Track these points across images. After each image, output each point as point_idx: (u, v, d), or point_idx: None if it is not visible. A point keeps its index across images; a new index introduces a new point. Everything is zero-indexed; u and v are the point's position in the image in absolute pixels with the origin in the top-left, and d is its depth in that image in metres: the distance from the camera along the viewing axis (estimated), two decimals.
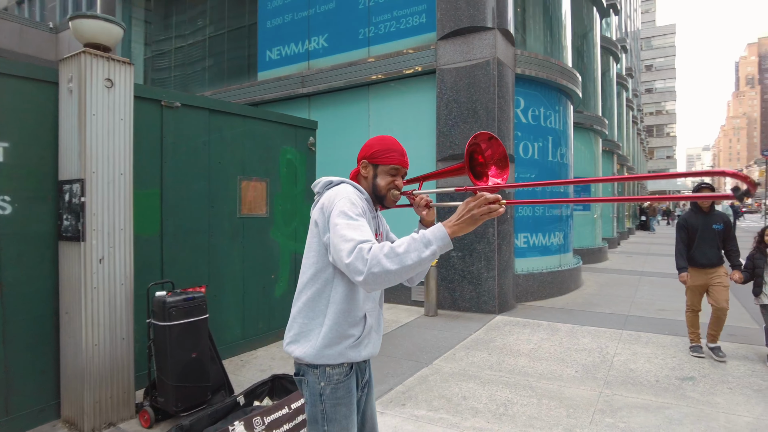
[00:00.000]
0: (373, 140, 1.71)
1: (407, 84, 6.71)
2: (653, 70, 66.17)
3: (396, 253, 1.31)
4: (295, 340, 1.57)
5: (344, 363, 1.56)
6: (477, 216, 1.33)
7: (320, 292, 1.55)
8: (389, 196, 1.69)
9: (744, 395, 3.54)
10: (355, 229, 1.40)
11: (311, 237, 1.59)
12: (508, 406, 3.33)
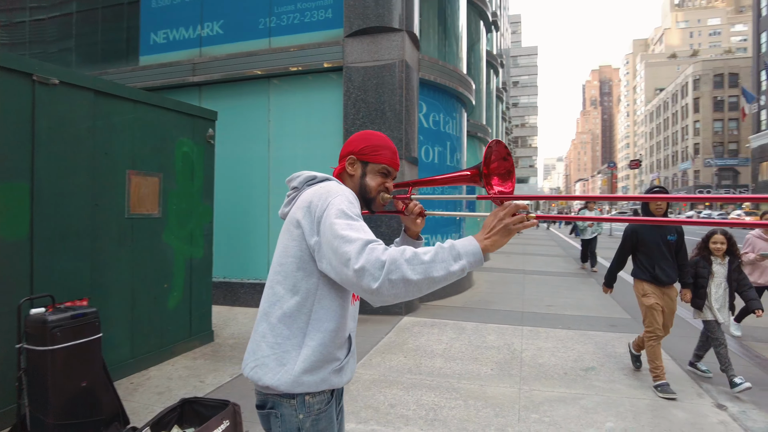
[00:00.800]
0: (361, 135, 1.50)
1: (312, 79, 6.45)
2: (519, 87, 72.78)
3: (421, 260, 1.10)
4: (263, 364, 1.27)
5: (326, 390, 1.32)
6: (511, 226, 1.17)
7: (300, 306, 1.28)
8: (378, 200, 1.48)
9: (638, 380, 3.88)
10: (358, 230, 1.17)
11: (289, 240, 1.31)
12: (437, 410, 3.26)
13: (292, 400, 1.27)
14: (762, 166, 48.27)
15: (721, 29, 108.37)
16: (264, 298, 1.34)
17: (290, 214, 1.36)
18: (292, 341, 1.27)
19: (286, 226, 1.36)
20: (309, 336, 1.27)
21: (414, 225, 1.58)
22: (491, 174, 1.34)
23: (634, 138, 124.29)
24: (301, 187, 1.42)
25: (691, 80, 67.64)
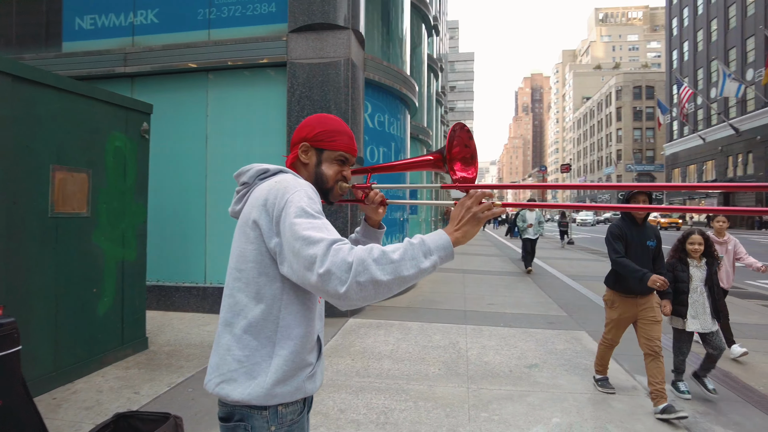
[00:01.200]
0: (314, 119, 1.37)
1: (254, 74, 6.22)
2: (456, 92, 74.55)
3: (390, 259, 1.04)
4: (232, 378, 1.17)
5: (299, 399, 1.24)
6: (479, 215, 1.14)
7: (266, 314, 1.18)
8: (336, 189, 1.38)
9: (578, 375, 4.03)
10: (321, 229, 1.08)
11: (246, 243, 1.20)
12: (387, 413, 3.22)
13: (264, 411, 1.18)
14: (674, 171, 52.40)
15: (638, 45, 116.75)
16: (224, 307, 1.23)
17: (243, 214, 1.25)
18: (261, 352, 1.18)
19: (240, 228, 1.24)
20: (279, 345, 1.18)
21: (375, 214, 1.51)
22: (454, 159, 1.30)
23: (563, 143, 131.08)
24: (252, 182, 1.31)
25: (614, 91, 72.33)
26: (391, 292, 1.06)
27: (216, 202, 6.20)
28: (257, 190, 1.25)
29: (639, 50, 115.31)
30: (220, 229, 6.17)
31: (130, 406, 3.23)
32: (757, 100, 37.40)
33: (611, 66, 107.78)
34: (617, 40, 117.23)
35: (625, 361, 4.40)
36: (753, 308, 7.04)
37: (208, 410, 3.22)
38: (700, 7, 47.19)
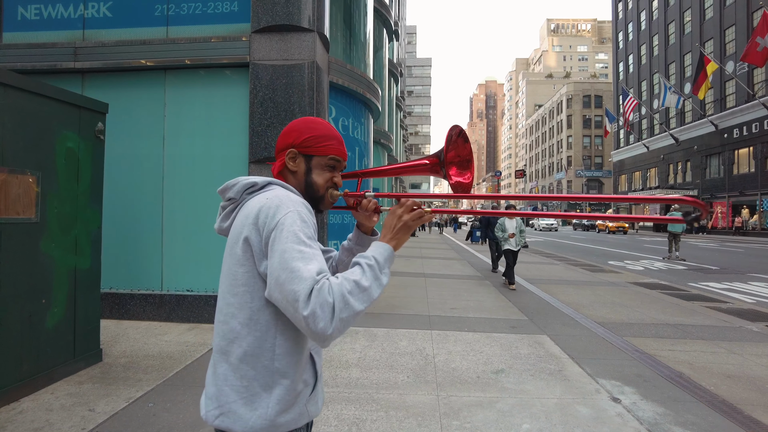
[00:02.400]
0: (301, 124, 1.31)
1: (215, 74, 6.02)
2: (413, 96, 75.34)
3: (363, 288, 1.07)
4: (231, 410, 1.11)
5: (303, 425, 1.18)
6: (410, 222, 1.21)
7: (261, 341, 1.12)
8: (327, 197, 1.33)
9: (543, 380, 4.10)
10: (310, 261, 1.05)
11: (236, 266, 1.14)
12: (359, 424, 3.17)
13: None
14: (621, 178, 54.87)
15: (588, 56, 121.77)
16: (218, 333, 1.16)
17: (233, 232, 1.18)
18: (260, 381, 1.12)
19: (231, 248, 1.18)
20: (278, 373, 1.12)
21: (369, 221, 1.46)
22: (450, 163, 1.30)
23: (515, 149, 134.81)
24: (240, 197, 1.24)
25: (564, 99, 75.06)
26: None
27: (174, 206, 5.95)
28: (247, 207, 1.19)
29: (588, 61, 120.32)
30: (178, 233, 5.94)
31: (85, 425, 3.03)
32: (694, 112, 39.74)
33: (562, 75, 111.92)
34: (568, 51, 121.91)
35: (587, 365, 4.52)
36: (698, 310, 7.42)
37: (171, 426, 3.06)
38: (643, 23, 49.76)
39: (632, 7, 52.18)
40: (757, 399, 3.81)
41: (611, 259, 16.71)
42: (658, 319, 6.70)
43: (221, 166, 5.95)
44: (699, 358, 4.86)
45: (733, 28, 35.88)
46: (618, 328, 6.07)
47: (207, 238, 5.89)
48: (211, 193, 5.92)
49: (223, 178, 5.58)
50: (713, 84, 34.11)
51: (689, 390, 3.92)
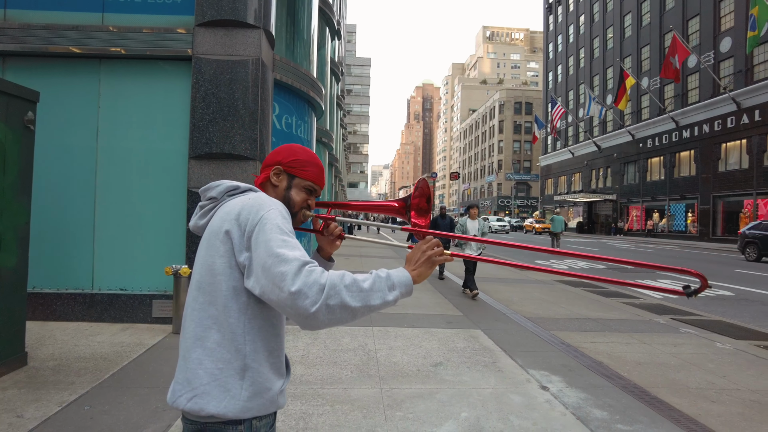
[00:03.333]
0: (291, 148, 1.46)
1: (155, 66, 5.82)
2: (352, 95, 75.39)
3: (360, 288, 1.12)
4: (205, 392, 1.16)
5: (272, 412, 1.26)
6: (433, 259, 1.28)
7: (234, 327, 1.19)
8: (300, 216, 1.44)
9: (479, 371, 4.36)
10: (294, 248, 1.14)
11: (215, 257, 1.21)
12: (306, 419, 3.24)
13: (239, 425, 1.19)
14: (548, 181, 57.85)
15: (520, 64, 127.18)
16: (193, 320, 1.22)
17: (213, 227, 1.26)
18: (234, 365, 1.18)
19: (209, 241, 1.25)
20: (251, 358, 1.20)
21: (330, 246, 1.59)
22: (413, 208, 1.47)
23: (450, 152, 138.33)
24: (221, 198, 1.34)
25: (497, 105, 78.02)
26: (355, 319, 1.14)
27: (107, 200, 5.70)
28: (228, 205, 1.28)
29: (520, 68, 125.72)
30: (111, 230, 5.69)
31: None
32: (614, 122, 42.69)
33: (496, 81, 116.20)
34: (501, 58, 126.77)
35: (518, 357, 4.84)
36: (615, 305, 8.08)
37: (111, 428, 2.99)
38: (571, 36, 52.77)
39: (562, 21, 55.21)
40: (662, 382, 4.27)
41: (538, 259, 17.66)
42: (581, 314, 7.24)
43: (159, 161, 5.77)
44: (616, 349, 5.33)
45: (648, 47, 38.93)
46: (546, 323, 6.51)
47: (143, 235, 5.70)
48: (148, 187, 5.74)
49: (161, 173, 5.47)
50: (631, 97, 36.83)
51: (607, 377, 4.31)
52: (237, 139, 5.68)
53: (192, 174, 5.65)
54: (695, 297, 1.19)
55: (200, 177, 5.65)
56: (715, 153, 31.26)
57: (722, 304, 8.80)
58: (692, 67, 33.01)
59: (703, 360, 5.02)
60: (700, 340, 5.86)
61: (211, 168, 5.69)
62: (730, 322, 7.03)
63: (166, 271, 5.15)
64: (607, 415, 3.45)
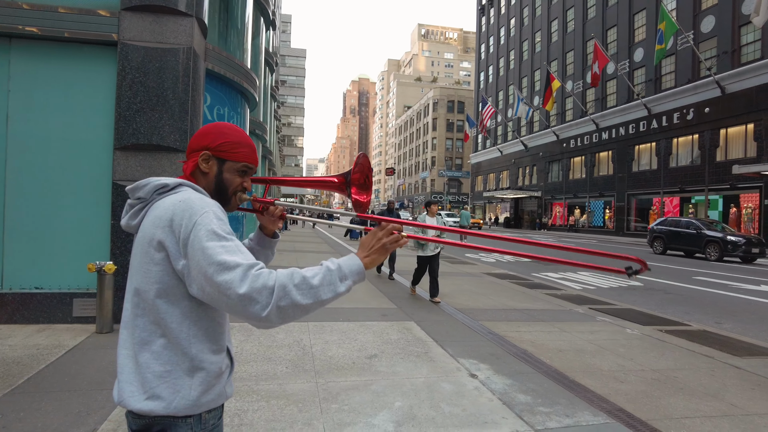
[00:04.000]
0: (215, 128, 1.36)
1: (76, 49, 5.45)
2: (286, 86, 73.91)
3: (310, 285, 1.13)
4: (156, 395, 1.17)
5: (220, 405, 1.28)
6: (387, 245, 1.29)
7: (177, 333, 1.19)
8: (235, 200, 1.40)
9: (412, 362, 4.51)
10: (234, 252, 1.12)
11: (150, 264, 1.19)
12: (241, 415, 3.22)
13: (188, 419, 1.20)
14: (478, 178, 59.89)
15: (453, 63, 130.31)
16: (137, 326, 1.21)
17: (145, 232, 1.22)
18: (182, 366, 1.19)
19: (143, 247, 1.21)
20: (197, 359, 1.21)
21: (273, 225, 1.56)
22: (353, 184, 1.45)
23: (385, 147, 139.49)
24: (150, 197, 1.28)
25: (431, 103, 79.59)
26: (309, 314, 1.16)
27: (20, 191, 5.28)
28: (158, 208, 1.23)
29: (453, 68, 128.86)
30: (25, 224, 5.29)
31: None
32: (540, 122, 44.91)
33: (430, 79, 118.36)
34: (436, 56, 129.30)
35: (449, 347, 5.04)
36: (539, 296, 8.58)
37: None
38: (502, 38, 54.80)
39: (494, 23, 57.17)
40: (579, 366, 4.62)
41: (468, 253, 18.31)
42: (507, 305, 7.63)
43: (81, 151, 5.43)
44: (539, 337, 5.69)
45: (572, 52, 41.26)
46: (475, 314, 6.81)
47: (63, 230, 5.36)
48: (68, 179, 5.40)
49: (83, 164, 5.18)
50: (556, 99, 38.90)
51: (531, 364, 4.61)
52: (166, 130, 5.46)
53: (117, 166, 5.37)
54: (635, 277, 1.32)
55: (126, 169, 5.38)
56: (630, 154, 33.78)
57: (633, 294, 9.59)
58: (611, 73, 35.38)
59: (615, 345, 5.48)
60: (614, 327, 6.37)
61: (138, 160, 5.43)
62: (639, 310, 7.69)
63: (89, 267, 4.88)
64: (530, 399, 3.70)
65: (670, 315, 7.47)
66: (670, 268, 14.61)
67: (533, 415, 3.40)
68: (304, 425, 3.10)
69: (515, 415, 3.39)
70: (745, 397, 4.00)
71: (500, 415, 3.38)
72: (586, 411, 3.52)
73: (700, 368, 4.73)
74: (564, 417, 3.40)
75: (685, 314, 7.67)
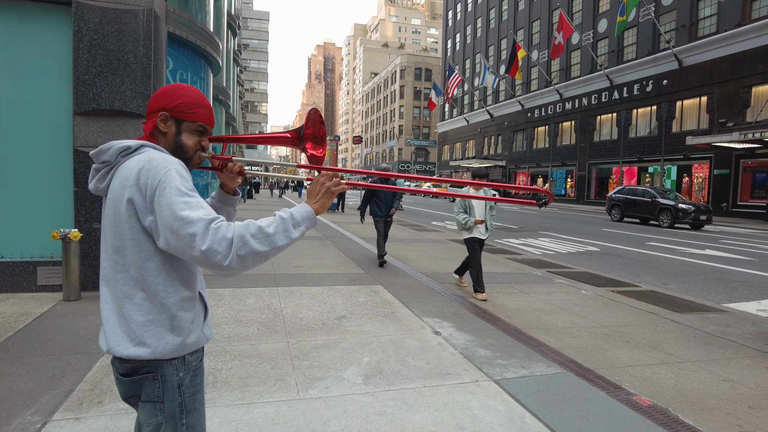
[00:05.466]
0: (172, 89, 1.43)
1: (24, 9, 5.21)
2: (249, 50, 71.51)
3: (266, 233, 1.25)
4: (142, 342, 1.29)
5: (201, 347, 1.40)
6: (332, 190, 1.41)
7: (154, 285, 1.30)
8: (195, 159, 1.48)
9: (379, 322, 4.72)
10: (197, 208, 1.23)
11: (121, 222, 1.28)
12: (216, 373, 3.35)
13: (173, 361, 1.32)
14: (444, 147, 60.21)
15: (420, 29, 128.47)
16: (118, 281, 1.31)
17: (114, 193, 1.30)
18: (163, 316, 1.31)
19: (113, 206, 1.30)
20: (176, 307, 1.32)
21: (232, 182, 1.64)
22: (307, 138, 1.53)
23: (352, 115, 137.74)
24: (115, 160, 1.34)
25: (398, 70, 78.71)
26: (268, 259, 1.28)
27: None
28: (124, 169, 1.30)
29: (421, 34, 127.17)
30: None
31: None
32: (506, 92, 45.24)
33: (397, 46, 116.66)
34: (403, 22, 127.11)
35: (414, 307, 5.28)
36: (500, 261, 8.94)
37: (3, 399, 2.88)
38: (469, 5, 54.30)
39: None
40: (536, 324, 4.95)
41: (434, 220, 18.66)
42: None
43: (38, 116, 5.27)
44: (499, 298, 6.00)
45: (538, 21, 41.39)
46: (439, 277, 7.08)
47: (22, 198, 5.24)
48: (25, 145, 5.25)
49: (41, 129, 5.06)
50: (522, 68, 39.18)
51: (491, 321, 4.89)
52: (128, 95, 5.34)
53: (78, 132, 5.25)
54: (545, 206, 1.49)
55: (88, 135, 5.26)
56: (591, 124, 34.62)
57: (590, 258, 10.09)
58: (575, 44, 35.80)
59: (570, 305, 5.84)
60: (569, 289, 6.75)
61: (100, 126, 5.32)
62: (594, 273, 8.14)
63: (53, 235, 4.82)
64: (489, 353, 3.97)
65: (622, 277, 7.94)
66: (625, 234, 15.34)
67: (492, 367, 3.66)
68: (277, 381, 3.27)
69: (475, 367, 3.65)
70: (681, 347, 4.40)
71: (461, 368, 3.64)
72: (541, 363, 3.81)
73: (645, 324, 5.13)
74: (520, 368, 3.68)
75: (635, 276, 8.17)
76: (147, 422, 1.36)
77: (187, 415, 1.38)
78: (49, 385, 3.10)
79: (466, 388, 3.28)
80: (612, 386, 3.42)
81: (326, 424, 2.73)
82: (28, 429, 2.55)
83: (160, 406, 1.35)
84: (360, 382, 3.30)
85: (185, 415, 1.38)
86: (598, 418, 2.91)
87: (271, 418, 2.75)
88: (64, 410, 2.76)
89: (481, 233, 6.28)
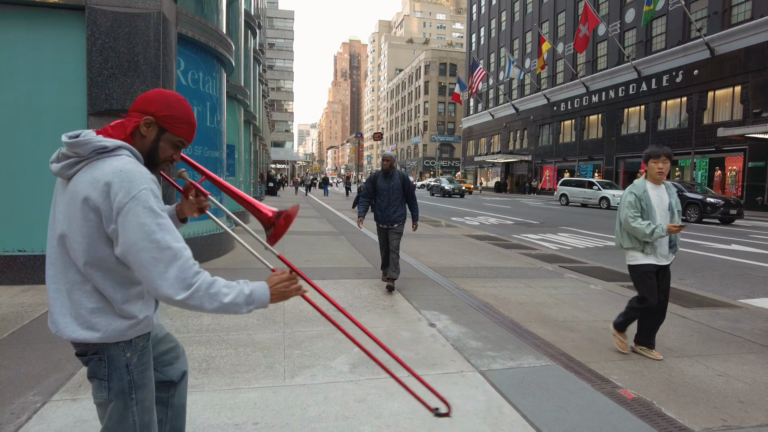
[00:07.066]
0: (164, 99, 1.47)
1: (42, 14, 5.46)
2: (274, 49, 72.38)
3: (221, 302, 1.35)
4: (91, 327, 1.39)
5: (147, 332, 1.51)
6: (290, 290, 1.56)
7: (102, 285, 1.39)
8: (162, 167, 1.56)
9: (377, 314, 4.80)
10: (168, 232, 1.32)
11: (80, 219, 1.33)
12: (209, 360, 3.50)
13: (120, 343, 1.43)
14: (469, 143, 59.72)
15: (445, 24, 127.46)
16: (68, 269, 1.39)
17: (79, 187, 1.33)
18: (111, 307, 1.41)
19: (76, 203, 1.33)
20: (122, 302, 1.41)
21: (189, 211, 1.75)
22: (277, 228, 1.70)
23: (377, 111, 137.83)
24: (89, 156, 1.35)
25: (423, 65, 78.34)
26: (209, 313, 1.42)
27: None
28: (96, 169, 1.33)
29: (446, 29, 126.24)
30: (4, 189, 5.43)
31: None
32: (531, 85, 44.56)
33: (422, 41, 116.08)
34: (428, 18, 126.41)
35: (415, 300, 5.34)
36: (512, 256, 8.89)
37: (10, 381, 3.08)
38: None
39: None
40: (535, 317, 4.94)
41: (454, 216, 18.60)
42: (480, 263, 7.93)
43: (55, 117, 5.54)
44: (502, 292, 6.00)
45: (564, 13, 40.58)
46: (446, 271, 7.10)
47: (41, 194, 5.51)
48: (43, 144, 5.51)
49: (57, 129, 5.28)
50: (547, 62, 38.51)
51: (489, 315, 4.91)
52: (138, 95, 5.54)
53: None
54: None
55: None
56: (619, 117, 33.80)
57: (607, 253, 9.92)
58: (601, 35, 34.98)
59: (575, 299, 5.79)
60: (578, 284, 6.68)
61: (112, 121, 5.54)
62: (607, 268, 8.02)
63: None
64: (480, 345, 4.00)
65: None
66: None
67: (480, 359, 3.70)
68: (266, 368, 3.39)
69: (463, 359, 3.69)
70: (681, 342, 4.34)
71: (449, 359, 3.69)
72: (531, 355, 3.82)
73: None
74: (508, 360, 3.70)
75: None
76: (95, 395, 1.48)
77: (137, 390, 1.49)
78: (53, 369, 3.29)
79: (449, 378, 3.34)
80: (599, 379, 3.42)
81: (305, 409, 2.83)
82: (28, 408, 2.73)
83: (105, 384, 1.46)
84: (346, 371, 3.40)
85: (135, 391, 1.49)
86: (577, 410, 2.93)
87: (253, 403, 2.87)
88: (63, 392, 2.94)
89: (664, 255, 3.92)
